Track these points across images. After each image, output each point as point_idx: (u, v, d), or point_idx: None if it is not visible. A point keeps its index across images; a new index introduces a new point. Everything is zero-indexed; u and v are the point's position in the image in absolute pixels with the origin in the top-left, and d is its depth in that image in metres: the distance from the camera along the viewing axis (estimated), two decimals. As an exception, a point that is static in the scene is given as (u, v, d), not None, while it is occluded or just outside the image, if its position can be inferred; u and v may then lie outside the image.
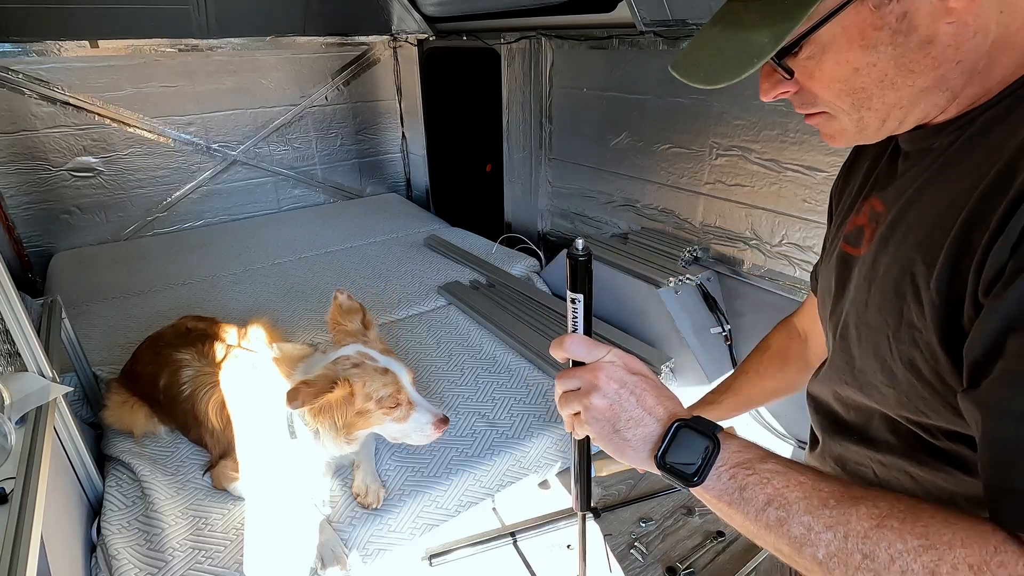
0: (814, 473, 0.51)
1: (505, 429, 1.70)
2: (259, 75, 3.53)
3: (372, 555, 1.39)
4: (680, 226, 2.37)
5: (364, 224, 3.57)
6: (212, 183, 3.58)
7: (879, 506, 0.47)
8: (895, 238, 0.57)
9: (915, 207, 0.56)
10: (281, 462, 1.46)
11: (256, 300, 2.58)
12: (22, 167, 3.01)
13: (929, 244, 0.52)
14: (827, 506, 0.48)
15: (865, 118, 0.56)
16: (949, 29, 0.49)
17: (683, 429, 0.57)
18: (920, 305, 0.53)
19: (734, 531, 1.45)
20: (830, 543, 0.47)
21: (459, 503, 1.53)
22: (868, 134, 0.58)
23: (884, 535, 0.45)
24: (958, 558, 0.42)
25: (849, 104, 0.55)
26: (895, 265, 0.56)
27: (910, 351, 0.55)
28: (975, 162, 0.50)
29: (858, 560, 0.45)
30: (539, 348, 2.03)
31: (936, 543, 0.43)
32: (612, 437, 0.60)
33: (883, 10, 0.49)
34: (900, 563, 0.44)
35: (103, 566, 1.34)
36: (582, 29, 2.56)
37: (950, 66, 0.51)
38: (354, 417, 1.36)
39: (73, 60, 2.97)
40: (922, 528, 0.44)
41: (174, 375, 1.61)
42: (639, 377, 0.61)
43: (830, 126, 0.60)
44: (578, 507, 0.97)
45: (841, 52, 0.52)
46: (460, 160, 4.01)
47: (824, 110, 0.58)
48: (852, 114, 0.56)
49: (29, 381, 1.29)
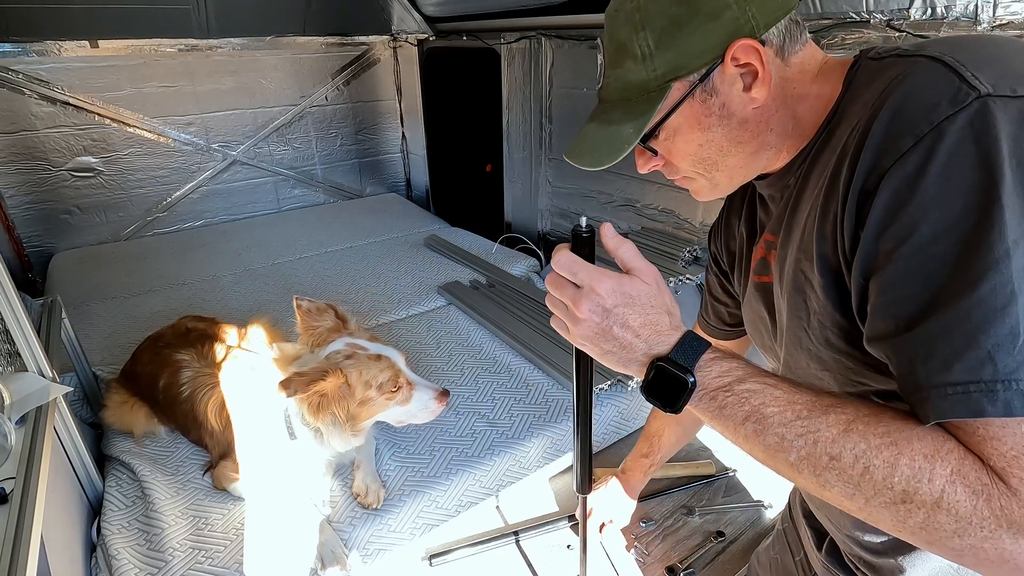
0: (789, 386, 0.57)
1: (505, 429, 1.70)
2: (259, 75, 3.53)
3: (372, 555, 1.39)
4: (680, 226, 2.37)
5: (364, 224, 3.57)
6: (212, 183, 3.58)
7: (847, 412, 0.52)
8: (788, 252, 0.69)
9: (793, 224, 0.69)
10: (281, 462, 1.46)
11: (256, 300, 2.58)
12: (22, 167, 3.01)
13: (804, 242, 0.64)
14: (800, 417, 0.54)
15: (716, 178, 0.74)
16: (756, 111, 0.67)
17: (661, 369, 0.61)
18: (815, 291, 0.63)
19: (734, 531, 1.45)
20: (800, 448, 0.53)
21: (459, 503, 1.53)
22: (722, 189, 0.77)
23: (850, 438, 0.51)
24: (915, 450, 0.48)
25: (702, 169, 0.73)
26: (791, 270, 0.68)
27: (823, 332, 0.64)
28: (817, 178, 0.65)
29: (825, 461, 0.51)
30: (539, 348, 2.03)
31: (897, 439, 0.49)
32: (597, 356, 0.67)
33: (708, 103, 0.66)
34: (863, 461, 0.49)
35: (103, 566, 1.34)
36: (582, 29, 2.56)
37: (767, 134, 0.69)
38: (357, 408, 1.36)
39: (73, 60, 2.97)
40: (884, 428, 0.50)
41: (174, 376, 1.61)
42: (624, 305, 0.62)
43: (692, 185, 0.78)
44: (578, 488, 0.97)
45: (687, 134, 0.69)
46: (460, 160, 4.01)
47: (686, 175, 0.76)
48: (706, 175, 0.74)
49: (29, 381, 1.29)
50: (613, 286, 0.62)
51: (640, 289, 0.62)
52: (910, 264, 0.50)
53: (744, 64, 0.63)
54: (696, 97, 0.66)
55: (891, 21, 1.54)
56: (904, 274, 0.50)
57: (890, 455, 0.48)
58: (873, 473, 0.49)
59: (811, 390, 0.56)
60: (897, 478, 0.48)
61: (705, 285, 1.06)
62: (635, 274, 0.63)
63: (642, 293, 0.62)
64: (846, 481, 0.50)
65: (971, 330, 0.46)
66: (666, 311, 0.63)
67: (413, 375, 1.46)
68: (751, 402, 0.56)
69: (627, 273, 0.64)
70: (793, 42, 0.67)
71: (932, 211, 0.48)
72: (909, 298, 0.50)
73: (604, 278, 0.62)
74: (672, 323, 0.63)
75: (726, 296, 1.00)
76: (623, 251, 0.64)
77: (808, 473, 0.53)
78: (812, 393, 0.55)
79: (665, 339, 0.62)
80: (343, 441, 1.40)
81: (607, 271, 0.63)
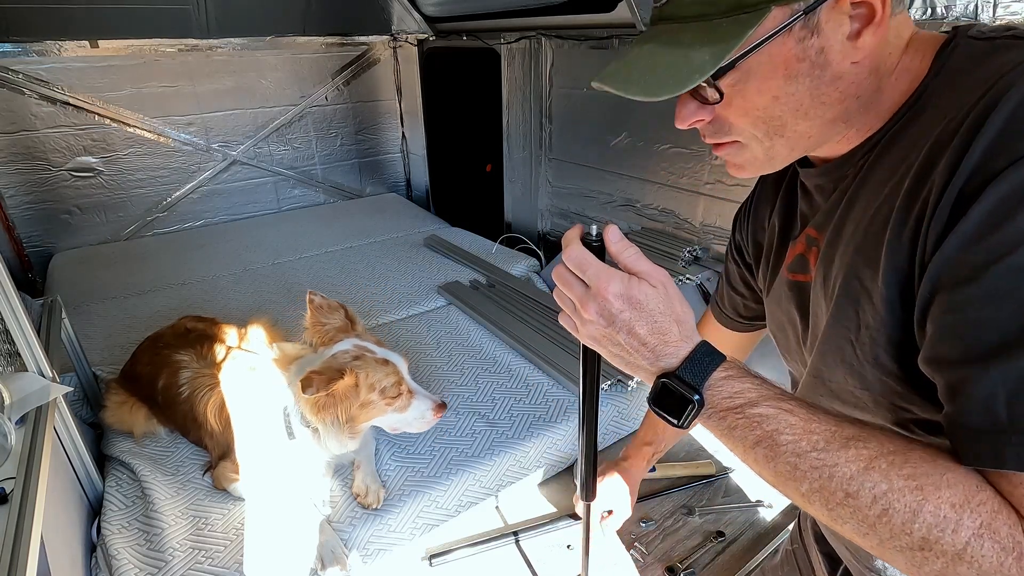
0: (807, 413, 0.52)
1: (505, 429, 1.70)
2: (259, 75, 3.53)
3: (372, 555, 1.39)
4: (680, 226, 2.37)
5: (364, 224, 3.57)
6: (212, 183, 3.58)
7: (869, 447, 0.48)
8: (837, 253, 0.62)
9: (847, 222, 0.61)
10: (281, 462, 1.46)
11: (256, 300, 2.58)
12: (22, 167, 3.01)
13: (866, 247, 0.57)
14: (816, 448, 0.50)
15: (776, 147, 0.61)
16: (853, 68, 0.55)
17: (667, 384, 0.58)
18: (872, 304, 0.56)
19: (734, 531, 1.45)
20: (814, 481, 0.49)
21: (459, 503, 1.53)
22: (776, 163, 0.63)
23: (871, 476, 0.47)
24: (942, 498, 0.44)
25: (764, 132, 0.59)
26: (841, 275, 0.61)
27: (874, 349, 0.58)
28: (888, 172, 0.57)
29: (840, 497, 0.48)
30: (539, 348, 2.03)
31: (924, 484, 0.45)
32: (605, 356, 0.64)
33: (805, 43, 0.53)
34: (883, 503, 0.46)
35: (103, 566, 1.34)
36: (582, 29, 2.56)
37: (852, 100, 0.57)
38: (357, 410, 1.37)
39: (73, 60, 2.97)
40: (910, 469, 0.46)
41: (173, 376, 1.61)
42: (631, 310, 0.58)
43: (740, 155, 0.64)
44: (583, 496, 0.97)
45: (765, 80, 0.55)
46: (460, 160, 4.01)
47: (736, 139, 0.62)
48: (764, 142, 0.60)
49: (29, 381, 1.29)
50: (620, 290, 0.58)
51: (648, 294, 0.58)
52: (1001, 285, 0.44)
53: (861, 2, 0.52)
54: (793, 33, 0.52)
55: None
56: (991, 295, 0.44)
57: (913, 500, 0.45)
58: (892, 516, 0.45)
59: (831, 418, 0.52)
60: (918, 524, 0.44)
61: (723, 273, 0.97)
62: (643, 278, 0.59)
63: (650, 298, 0.58)
64: (861, 520, 0.47)
65: None
66: (675, 319, 0.59)
67: (414, 384, 1.47)
68: (763, 427, 0.53)
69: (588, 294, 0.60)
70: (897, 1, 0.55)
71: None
72: (991, 324, 0.44)
73: (612, 280, 0.58)
74: (682, 333, 0.59)
75: (745, 288, 0.93)
76: (626, 256, 0.60)
77: (820, 505, 0.50)
78: (832, 422, 0.51)
79: (673, 351, 0.58)
80: (339, 443, 1.40)
81: (617, 272, 0.59)
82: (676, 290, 0.61)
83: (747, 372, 0.57)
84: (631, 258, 0.60)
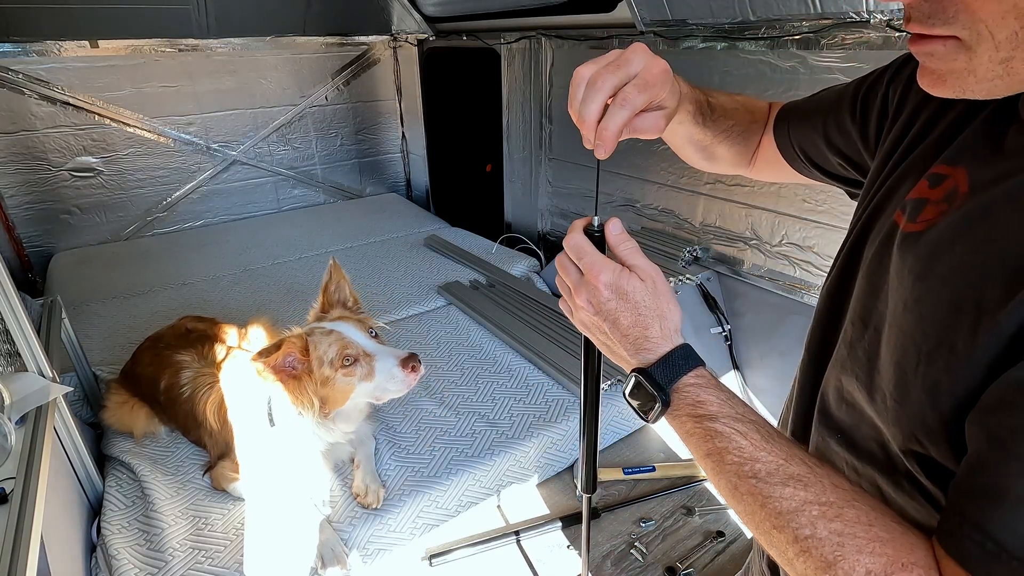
0: (760, 440, 0.52)
1: (505, 429, 1.70)
2: (259, 75, 3.53)
3: (372, 555, 1.39)
4: (680, 226, 2.37)
5: (364, 224, 3.57)
6: (212, 183, 3.58)
7: (808, 491, 0.48)
8: (972, 238, 0.46)
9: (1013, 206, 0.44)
10: (280, 461, 1.46)
11: (256, 300, 2.58)
12: (22, 167, 3.01)
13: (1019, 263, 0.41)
14: (756, 477, 0.50)
15: (1015, 62, 0.41)
16: None
17: (638, 379, 0.60)
18: (975, 334, 0.43)
19: (734, 531, 1.45)
20: (748, 505, 0.51)
21: (459, 503, 1.53)
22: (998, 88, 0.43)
23: (798, 519, 0.47)
24: (860, 562, 0.43)
25: (1010, 33, 0.39)
26: (960, 273, 0.46)
27: (939, 376, 0.46)
28: None
29: (767, 527, 0.49)
30: (539, 348, 2.03)
31: (846, 542, 0.44)
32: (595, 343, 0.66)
33: None
34: (802, 545, 0.46)
35: (103, 566, 1.34)
36: (582, 29, 2.56)
37: None
38: (322, 389, 1.31)
39: (73, 60, 2.97)
40: (839, 525, 0.45)
41: (174, 376, 1.61)
42: (618, 301, 0.60)
43: (951, 61, 0.43)
44: (582, 487, 0.97)
45: None
46: (460, 160, 4.01)
47: (956, 34, 0.42)
48: (1002, 51, 0.40)
49: (29, 381, 1.29)
50: (610, 280, 0.59)
51: (636, 287, 0.59)
52: None
53: None
54: None
55: (891, 21, 1.54)
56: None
57: (830, 554, 0.44)
58: (807, 562, 0.46)
59: (783, 452, 0.51)
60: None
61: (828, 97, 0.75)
62: (635, 271, 0.60)
63: (638, 291, 0.59)
64: (779, 553, 0.49)
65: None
66: (659, 314, 0.60)
67: (373, 345, 1.35)
68: (715, 442, 0.54)
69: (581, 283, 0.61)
70: None
71: None
72: None
73: (604, 270, 0.60)
74: (663, 330, 0.60)
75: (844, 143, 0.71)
76: (623, 248, 0.62)
77: (751, 525, 0.52)
78: (782, 456, 0.51)
79: (652, 347, 0.59)
80: (325, 430, 1.38)
81: (610, 263, 0.60)
82: (666, 287, 0.61)
83: (716, 384, 0.58)
84: (627, 251, 0.62)
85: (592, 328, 0.63)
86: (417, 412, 1.79)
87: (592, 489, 0.97)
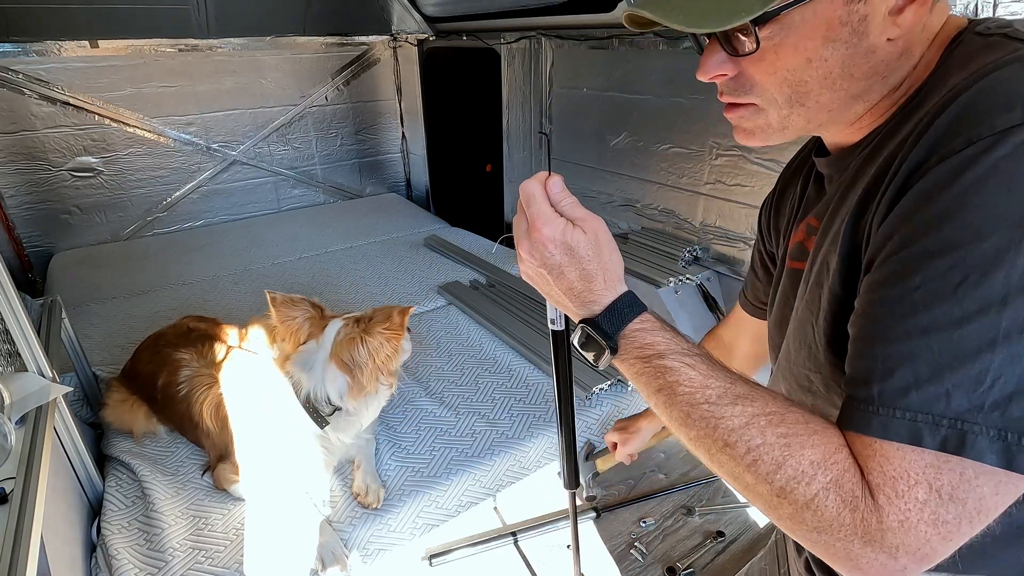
0: (707, 368, 0.56)
1: (505, 429, 1.70)
2: (259, 75, 3.53)
3: (372, 555, 1.39)
4: (680, 226, 2.37)
5: (364, 224, 3.57)
6: (212, 183, 3.58)
7: (754, 405, 0.53)
8: (824, 242, 0.63)
9: (836, 212, 0.61)
10: (281, 462, 1.46)
11: (256, 300, 2.58)
12: (22, 167, 3.01)
13: (837, 236, 0.58)
14: (708, 402, 0.55)
15: (793, 116, 0.59)
16: (887, 46, 0.54)
17: (585, 329, 0.62)
18: (831, 286, 0.59)
19: (734, 531, 1.46)
20: (701, 429, 0.54)
21: (459, 503, 1.53)
22: (788, 133, 0.61)
23: (749, 431, 0.52)
24: (804, 456, 0.49)
25: (786, 97, 0.57)
26: (818, 262, 0.63)
27: (827, 331, 0.60)
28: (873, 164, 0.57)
29: (720, 446, 0.53)
30: (539, 348, 2.03)
31: (791, 442, 0.50)
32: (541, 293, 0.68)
33: (852, 7, 0.51)
34: (754, 454, 0.51)
35: (103, 566, 1.34)
36: (582, 29, 2.56)
37: (876, 80, 0.56)
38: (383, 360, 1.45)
39: (73, 60, 2.97)
40: (784, 428, 0.51)
41: (172, 375, 1.61)
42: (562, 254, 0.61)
43: (753, 120, 0.62)
44: (565, 484, 0.97)
45: (804, 39, 0.53)
46: (460, 160, 4.01)
47: (754, 101, 0.60)
48: (783, 109, 0.58)
49: (29, 381, 1.29)
50: (554, 233, 0.61)
51: (580, 241, 0.61)
52: (901, 271, 0.47)
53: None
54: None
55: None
56: (893, 280, 0.48)
57: (779, 455, 0.50)
58: (759, 467, 0.50)
59: (727, 376, 0.56)
60: (779, 476, 0.49)
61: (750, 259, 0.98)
62: (578, 224, 0.62)
63: (581, 245, 0.61)
64: (734, 466, 0.52)
65: (940, 366, 0.44)
66: (602, 266, 0.61)
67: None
68: (665, 377, 0.57)
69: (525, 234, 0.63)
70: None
71: (945, 224, 0.44)
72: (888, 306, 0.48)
73: (549, 222, 0.61)
74: (607, 281, 0.62)
75: (766, 276, 0.93)
76: (564, 205, 0.63)
77: (703, 450, 0.55)
78: (727, 380, 0.55)
79: (597, 298, 0.62)
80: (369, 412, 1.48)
81: (555, 216, 0.62)
82: (608, 238, 0.63)
83: (662, 326, 0.61)
84: (568, 206, 0.63)
85: (537, 279, 0.66)
86: (417, 412, 1.79)
87: (575, 485, 0.97)
